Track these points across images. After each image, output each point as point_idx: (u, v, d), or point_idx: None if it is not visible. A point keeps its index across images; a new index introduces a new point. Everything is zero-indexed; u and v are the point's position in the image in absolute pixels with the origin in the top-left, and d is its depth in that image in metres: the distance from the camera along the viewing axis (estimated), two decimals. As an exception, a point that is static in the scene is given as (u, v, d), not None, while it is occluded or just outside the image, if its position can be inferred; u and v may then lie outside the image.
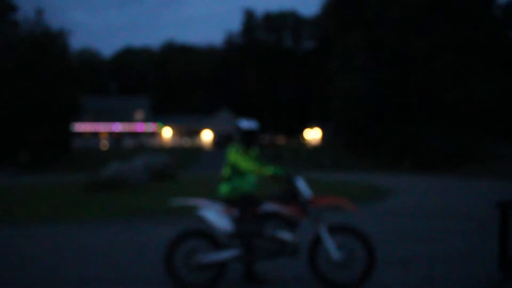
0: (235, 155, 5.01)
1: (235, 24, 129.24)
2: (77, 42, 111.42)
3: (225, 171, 5.08)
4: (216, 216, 4.85)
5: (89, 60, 75.74)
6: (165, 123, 62.20)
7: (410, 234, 7.77)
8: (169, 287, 4.85)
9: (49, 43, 42.91)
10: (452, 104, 30.65)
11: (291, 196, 4.81)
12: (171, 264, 4.77)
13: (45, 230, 8.52)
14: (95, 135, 60.13)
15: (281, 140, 66.24)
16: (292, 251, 4.72)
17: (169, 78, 74.48)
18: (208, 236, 4.83)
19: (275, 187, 4.96)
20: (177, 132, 62.58)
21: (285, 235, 4.70)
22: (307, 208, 4.75)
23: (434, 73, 30.94)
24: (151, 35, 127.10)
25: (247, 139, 5.09)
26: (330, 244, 4.70)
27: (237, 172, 5.00)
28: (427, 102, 32.04)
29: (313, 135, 63.12)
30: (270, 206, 4.78)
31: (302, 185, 4.80)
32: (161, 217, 9.79)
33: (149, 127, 61.36)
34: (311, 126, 64.10)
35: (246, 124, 5.10)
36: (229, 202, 4.95)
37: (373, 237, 6.90)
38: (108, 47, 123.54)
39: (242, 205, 4.86)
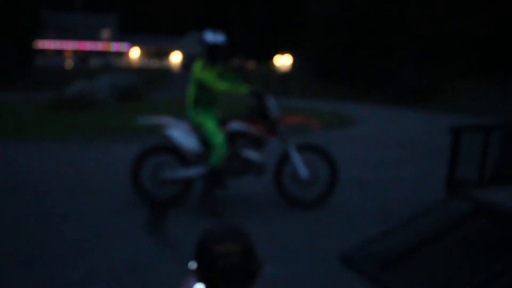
0: (202, 72, 4.69)
1: None
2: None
3: (191, 91, 4.85)
4: (183, 135, 4.80)
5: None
6: (133, 43, 60.32)
7: (369, 160, 8.10)
8: (135, 200, 4.97)
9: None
10: (423, 38, 30.71)
11: (259, 115, 4.83)
12: (137, 178, 4.82)
13: (7, 148, 8.41)
14: (60, 53, 57.89)
15: (251, 65, 65.54)
16: (258, 170, 4.84)
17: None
18: (175, 152, 4.85)
19: (241, 107, 5.00)
20: (145, 53, 60.97)
21: (252, 155, 4.80)
22: (277, 126, 4.81)
23: (409, 5, 30.66)
24: None
25: (214, 54, 4.76)
26: (298, 161, 4.86)
27: (204, 91, 4.77)
28: (400, 35, 31.98)
29: (284, 61, 62.67)
30: (237, 125, 4.79)
31: (272, 104, 4.82)
32: (128, 135, 9.79)
33: (116, 46, 59.41)
34: (282, 52, 63.44)
35: (212, 36, 4.76)
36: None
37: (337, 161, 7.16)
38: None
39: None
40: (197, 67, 4.78)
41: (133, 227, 4.25)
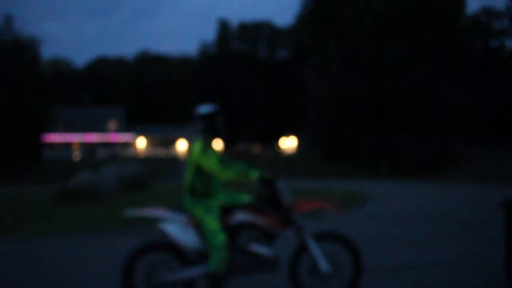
0: (202, 156, 4.10)
1: (209, 36, 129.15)
2: (49, 52, 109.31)
3: (188, 177, 4.22)
4: (180, 230, 4.16)
5: (62, 70, 74.25)
6: (140, 133, 61.22)
7: (396, 239, 7.42)
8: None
9: (19, 51, 41.80)
10: (426, 110, 30.88)
11: (270, 203, 4.22)
12: (129, 280, 4.14)
13: (7, 244, 7.89)
14: (68, 145, 58.65)
15: (257, 149, 65.87)
16: (270, 267, 4.17)
17: (143, 87, 73.51)
18: (173, 249, 4.21)
19: (249, 193, 4.43)
20: (151, 142, 61.63)
21: (262, 249, 4.14)
22: (291, 215, 4.19)
23: (409, 81, 31.15)
24: (125, 46, 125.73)
25: (211, 125, 4.25)
26: (318, 254, 4.20)
27: (203, 177, 4.17)
28: (403, 109, 32.20)
29: (288, 143, 62.99)
30: (244, 216, 4.15)
31: (284, 190, 4.24)
32: (129, 227, 9.21)
33: (123, 137, 60.25)
34: (286, 134, 64.01)
35: (205, 108, 4.31)
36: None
37: (359, 244, 6.52)
38: (81, 57, 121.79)
39: None
40: (196, 150, 4.17)
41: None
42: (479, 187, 20.90)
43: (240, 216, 4.16)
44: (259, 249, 4.15)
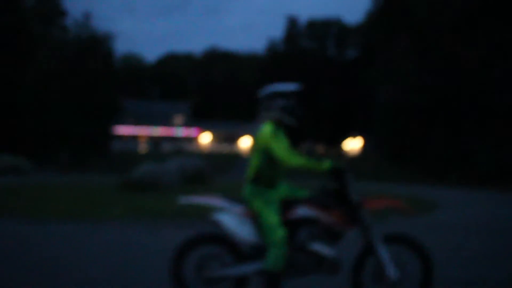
0: (272, 139, 3.67)
1: (277, 33, 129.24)
2: (122, 48, 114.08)
3: (253, 163, 3.84)
4: (236, 222, 3.84)
5: (133, 65, 77.08)
6: (205, 128, 62.25)
7: (470, 251, 6.75)
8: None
9: (95, 46, 43.75)
10: (505, 112, 28.80)
11: (336, 198, 3.80)
12: (179, 274, 3.89)
13: (66, 228, 8.14)
14: (135, 138, 60.77)
15: (320, 149, 64.99)
16: (331, 269, 3.75)
17: (210, 84, 74.73)
18: (226, 243, 3.91)
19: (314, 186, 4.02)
20: (216, 138, 62.50)
21: (324, 249, 3.73)
22: (359, 213, 3.76)
23: (488, 82, 29.23)
24: (194, 43, 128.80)
25: (289, 110, 3.83)
26: (385, 257, 3.75)
27: (270, 164, 3.77)
28: (480, 113, 30.31)
29: (353, 145, 61.62)
30: (306, 211, 3.75)
31: (353, 185, 3.82)
32: (187, 220, 9.13)
33: (188, 132, 61.53)
34: (352, 136, 62.65)
35: (283, 86, 3.88)
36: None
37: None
38: (152, 53, 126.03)
39: None
40: (265, 132, 3.78)
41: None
42: None
43: (302, 211, 3.77)
44: (320, 248, 3.75)
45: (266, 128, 3.80)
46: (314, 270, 3.78)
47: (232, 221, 3.84)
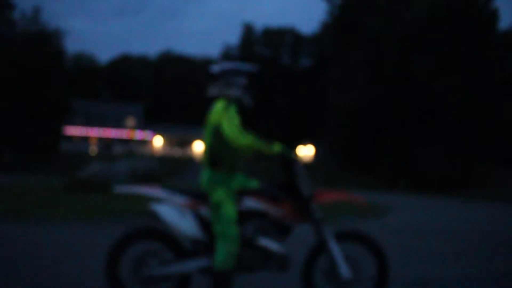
0: (224, 113, 3.42)
1: (233, 39, 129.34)
2: (73, 47, 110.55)
3: (206, 144, 3.53)
4: (176, 214, 3.51)
5: (84, 65, 74.89)
6: (157, 131, 61.21)
7: (422, 252, 6.83)
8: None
9: (44, 43, 42.08)
10: (451, 125, 30.02)
11: (286, 190, 3.56)
12: (114, 274, 3.53)
13: (5, 228, 7.57)
14: (85, 139, 58.93)
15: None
16: (279, 265, 3.52)
17: (164, 87, 73.68)
18: (166, 238, 3.58)
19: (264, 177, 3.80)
20: (168, 142, 61.55)
21: (272, 244, 3.49)
22: (310, 206, 3.54)
23: (435, 94, 30.34)
24: (149, 45, 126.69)
25: (249, 90, 3.66)
26: (338, 255, 3.56)
27: (224, 142, 3.45)
28: (427, 122, 31.39)
29: (306, 152, 62.33)
30: (253, 203, 3.50)
31: (305, 176, 3.58)
32: (133, 219, 8.78)
33: (140, 134, 60.30)
34: (304, 143, 63.37)
35: (243, 65, 3.68)
36: (196, 194, 3.61)
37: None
38: (104, 54, 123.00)
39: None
40: (218, 109, 3.50)
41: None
42: (504, 206, 20.10)
43: (249, 203, 3.51)
44: (269, 243, 3.51)
45: (219, 105, 3.53)
46: (261, 266, 3.54)
47: (172, 213, 3.52)
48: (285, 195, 3.55)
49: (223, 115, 3.43)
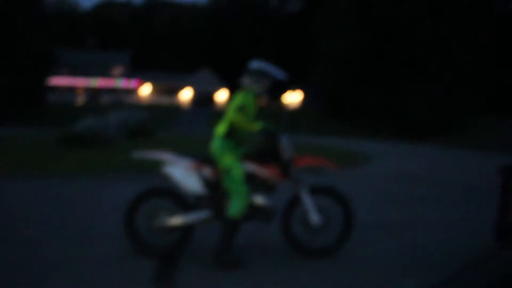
0: (246, 97, 4.24)
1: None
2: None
3: (230, 118, 4.21)
4: (183, 174, 4.27)
5: (66, 12, 73.05)
6: (145, 80, 60.84)
7: (395, 198, 7.59)
8: (130, 249, 4.43)
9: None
10: (435, 71, 30.48)
11: (270, 155, 4.32)
12: (131, 225, 4.26)
13: (9, 184, 8.06)
14: (71, 89, 58.42)
15: (261, 102, 65.56)
16: (266, 217, 4.28)
17: (150, 34, 72.48)
18: (174, 195, 4.30)
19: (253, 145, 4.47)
20: (156, 90, 61.37)
21: (260, 199, 4.25)
22: (290, 168, 4.30)
23: (420, 39, 30.59)
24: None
25: (268, 91, 4.43)
26: (311, 206, 4.33)
27: (245, 121, 4.21)
28: (412, 69, 31.82)
29: (294, 98, 62.70)
30: (246, 166, 4.25)
31: (287, 144, 4.32)
32: (135, 173, 9.39)
33: (127, 83, 59.94)
34: (292, 89, 63.58)
35: (275, 71, 4.40)
36: (200, 157, 4.35)
37: (356, 201, 6.69)
38: (87, 0, 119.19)
39: (214, 162, 4.29)
40: (241, 94, 4.32)
41: (136, 277, 3.75)
42: (485, 154, 21.02)
43: (244, 166, 4.25)
44: (259, 198, 4.26)
45: (243, 93, 4.30)
46: (252, 218, 4.30)
47: (180, 173, 4.27)
48: (270, 159, 4.31)
49: (239, 101, 4.21)
